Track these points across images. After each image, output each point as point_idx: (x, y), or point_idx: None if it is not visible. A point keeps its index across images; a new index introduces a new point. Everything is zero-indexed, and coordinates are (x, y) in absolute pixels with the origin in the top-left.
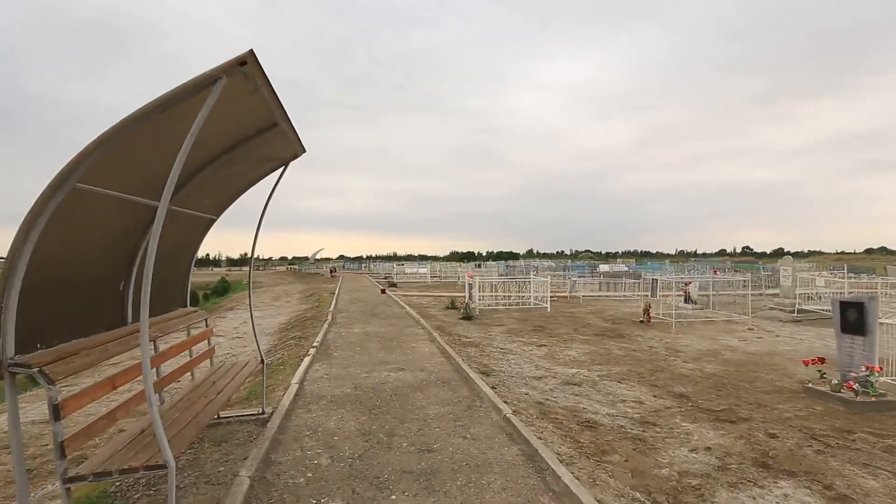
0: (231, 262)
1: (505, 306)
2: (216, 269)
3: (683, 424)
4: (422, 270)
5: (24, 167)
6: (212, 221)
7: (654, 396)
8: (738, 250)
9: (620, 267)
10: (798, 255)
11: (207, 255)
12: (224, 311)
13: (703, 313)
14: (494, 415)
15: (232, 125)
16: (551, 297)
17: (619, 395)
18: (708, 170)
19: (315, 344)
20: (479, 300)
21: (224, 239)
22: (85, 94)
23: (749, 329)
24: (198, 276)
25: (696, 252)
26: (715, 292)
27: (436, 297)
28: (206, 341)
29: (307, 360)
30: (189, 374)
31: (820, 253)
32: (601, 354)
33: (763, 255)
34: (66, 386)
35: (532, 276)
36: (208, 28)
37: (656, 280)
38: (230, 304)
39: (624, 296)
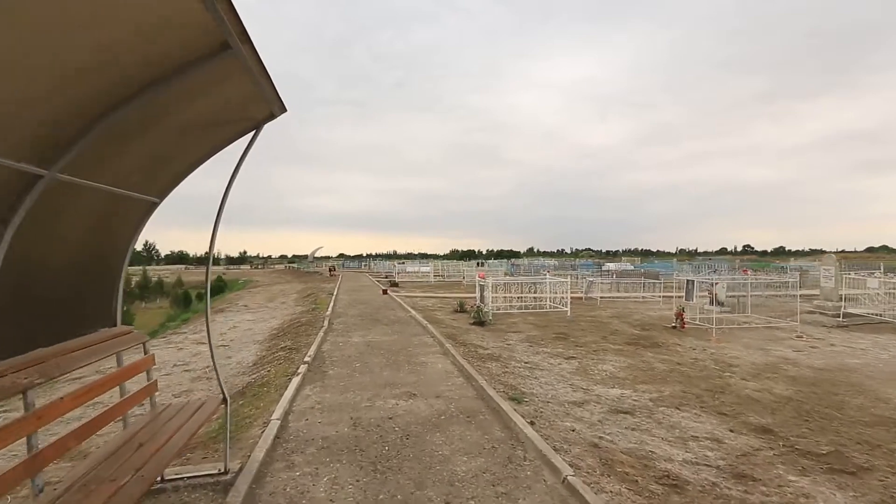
0: (230, 261)
1: (519, 309)
2: (214, 268)
3: (791, 478)
4: (424, 269)
5: None
6: (153, 207)
7: (731, 431)
8: (739, 249)
9: (626, 265)
10: (799, 254)
11: (206, 253)
12: (213, 315)
13: (740, 318)
14: (548, 474)
15: (152, 32)
16: (556, 297)
17: (686, 430)
18: (708, 168)
19: (307, 358)
20: (492, 303)
21: (221, 237)
22: None
23: (798, 336)
24: (193, 276)
25: (696, 250)
26: (746, 294)
27: (441, 298)
28: (145, 373)
29: (296, 380)
30: (121, 419)
31: (822, 252)
32: (642, 370)
33: (764, 253)
34: None
35: (546, 276)
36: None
37: (693, 282)
38: (222, 306)
39: (643, 297)
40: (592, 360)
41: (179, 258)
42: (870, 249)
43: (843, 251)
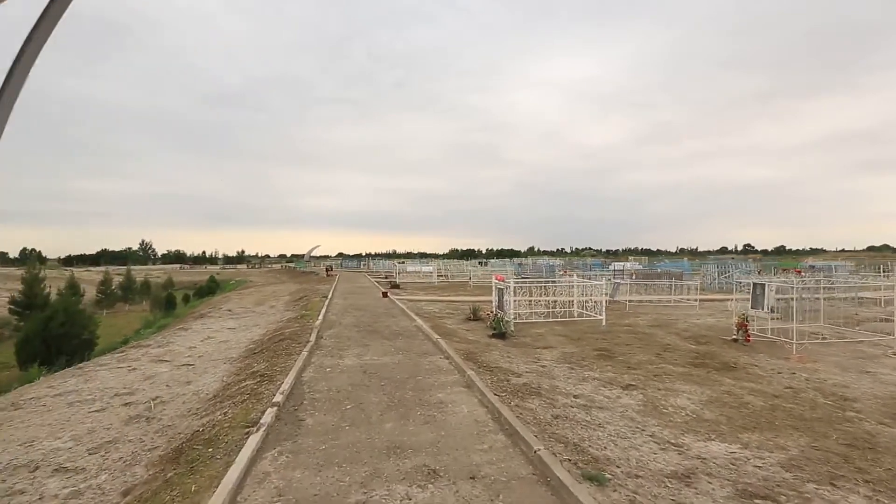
0: (228, 260)
1: (543, 318)
2: (210, 268)
3: None
4: (426, 269)
5: (21, 164)
6: None
7: None
8: (740, 248)
9: (634, 265)
10: (800, 253)
11: (203, 252)
12: (192, 321)
13: (804, 327)
14: None
15: None
16: (588, 302)
17: None
18: (707, 167)
19: (279, 396)
20: (513, 309)
21: (222, 237)
22: (78, 89)
23: (894, 354)
24: (187, 276)
25: (696, 249)
26: (803, 298)
27: (448, 302)
28: None
29: (254, 439)
30: None
31: (823, 251)
32: (732, 406)
33: (765, 252)
34: None
35: (574, 278)
36: (207, 24)
37: (762, 286)
38: (204, 310)
39: (674, 301)
40: (659, 390)
41: (177, 258)
42: (871, 248)
43: (843, 250)
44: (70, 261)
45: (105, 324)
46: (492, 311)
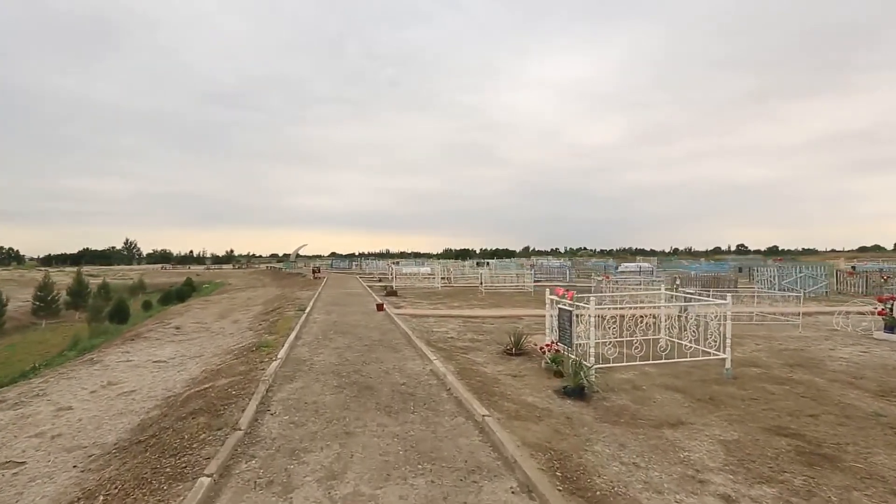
0: (216, 260)
1: (639, 359)
2: (195, 268)
3: None
4: (424, 270)
5: (12, 163)
6: None
7: None
8: (733, 248)
9: (643, 265)
10: (793, 253)
11: (191, 251)
12: (118, 345)
13: None
14: None
15: None
16: (697, 328)
17: None
18: (701, 167)
19: None
20: (585, 343)
21: (214, 236)
22: (73, 88)
23: None
24: (165, 277)
25: (690, 249)
26: None
27: (465, 319)
28: None
29: None
30: None
31: (814, 252)
32: None
33: (758, 252)
34: None
35: (661, 291)
36: (203, 23)
37: None
38: (143, 328)
39: (782, 316)
40: None
41: (162, 257)
42: (862, 249)
43: (832, 250)
44: (49, 260)
45: (32, 341)
46: (548, 346)
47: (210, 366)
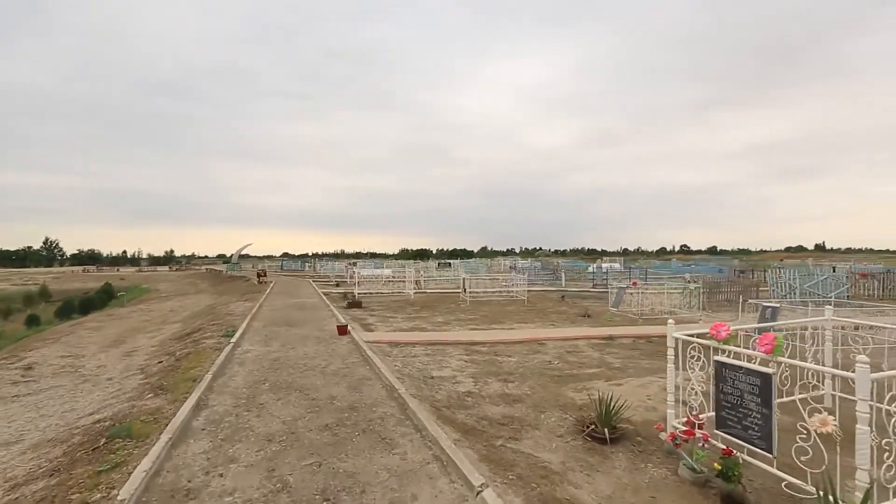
0: (153, 261)
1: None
2: (126, 269)
3: None
4: (386, 272)
5: None
6: None
7: None
8: (677, 248)
9: (614, 265)
10: (731, 253)
11: (124, 251)
12: None
13: None
14: None
15: None
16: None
17: None
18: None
19: None
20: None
21: (144, 234)
22: None
23: None
24: (82, 281)
25: (639, 249)
26: None
27: (467, 347)
28: None
29: None
30: None
31: (748, 252)
32: None
33: (699, 252)
34: None
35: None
36: (144, 7)
37: None
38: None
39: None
40: None
41: (89, 258)
42: (788, 249)
43: (762, 251)
44: None
45: None
46: (688, 433)
47: (27, 465)
